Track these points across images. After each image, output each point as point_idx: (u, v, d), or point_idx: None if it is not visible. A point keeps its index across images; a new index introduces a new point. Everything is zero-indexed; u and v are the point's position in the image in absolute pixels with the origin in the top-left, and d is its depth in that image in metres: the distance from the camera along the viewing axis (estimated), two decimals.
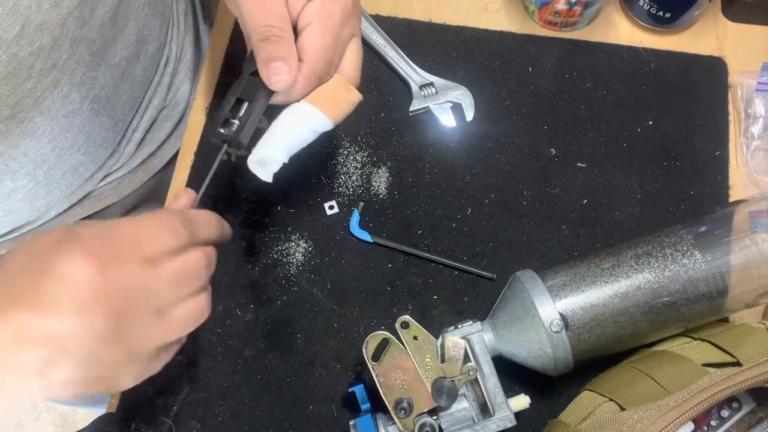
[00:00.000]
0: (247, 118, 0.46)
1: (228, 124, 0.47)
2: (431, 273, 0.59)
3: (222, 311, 0.58)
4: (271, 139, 0.47)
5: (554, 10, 0.65)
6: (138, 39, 0.59)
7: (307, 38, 0.45)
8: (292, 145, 0.47)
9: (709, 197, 0.61)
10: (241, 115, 0.47)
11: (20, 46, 0.45)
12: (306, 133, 0.48)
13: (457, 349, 0.48)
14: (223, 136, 0.46)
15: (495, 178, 0.62)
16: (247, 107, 0.47)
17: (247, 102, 0.47)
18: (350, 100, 0.49)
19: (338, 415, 0.55)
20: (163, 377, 0.56)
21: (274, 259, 0.60)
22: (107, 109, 0.58)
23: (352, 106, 0.50)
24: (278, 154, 0.47)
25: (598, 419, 0.46)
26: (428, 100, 0.64)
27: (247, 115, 0.47)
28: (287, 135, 0.47)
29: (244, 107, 0.47)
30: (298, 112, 0.47)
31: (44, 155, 0.55)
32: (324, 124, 0.48)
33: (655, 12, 0.64)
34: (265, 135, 0.47)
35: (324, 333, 0.57)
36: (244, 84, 0.47)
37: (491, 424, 0.47)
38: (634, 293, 0.48)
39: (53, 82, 0.50)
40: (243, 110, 0.47)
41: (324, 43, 0.46)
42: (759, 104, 0.62)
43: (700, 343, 0.49)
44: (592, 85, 0.65)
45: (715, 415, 0.48)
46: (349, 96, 0.49)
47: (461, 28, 0.68)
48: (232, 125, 0.47)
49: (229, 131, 0.46)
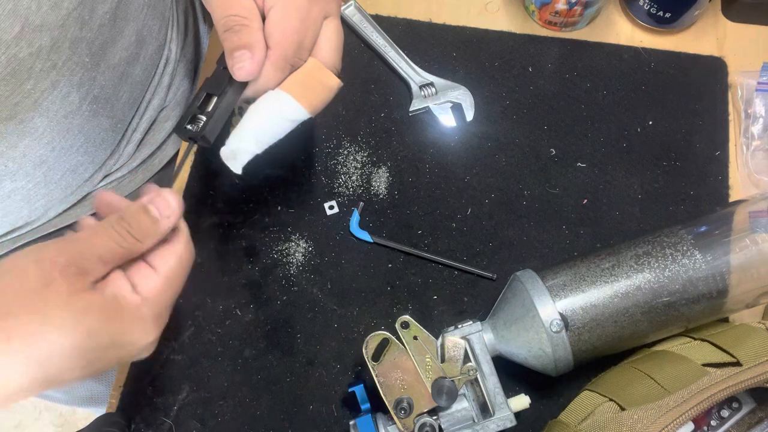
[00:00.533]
0: (213, 113, 0.45)
1: (196, 120, 0.45)
2: (431, 273, 0.59)
3: (222, 311, 0.58)
4: (242, 129, 0.45)
5: (554, 10, 0.65)
6: (137, 39, 0.59)
7: (272, 22, 0.44)
8: (265, 135, 0.45)
9: (709, 197, 0.61)
10: (209, 110, 0.45)
11: (20, 47, 0.45)
12: (281, 123, 0.45)
13: (457, 349, 0.48)
14: (189, 132, 0.45)
15: (495, 178, 0.62)
16: (216, 102, 0.45)
17: (215, 96, 0.45)
18: (327, 86, 0.46)
19: (338, 415, 0.55)
20: (163, 377, 0.56)
21: (274, 259, 0.60)
22: (106, 109, 0.58)
23: (331, 92, 0.47)
24: (248, 145, 0.45)
25: (598, 419, 0.46)
26: (428, 100, 0.64)
27: (214, 109, 0.45)
28: (259, 125, 0.45)
29: (212, 102, 0.45)
30: (270, 101, 0.45)
31: (43, 156, 0.55)
32: (299, 112, 0.46)
33: (655, 12, 0.64)
34: (237, 125, 0.46)
35: (324, 333, 0.57)
36: (213, 78, 0.46)
37: (491, 424, 0.47)
38: (634, 293, 0.48)
39: (53, 83, 0.50)
40: (211, 105, 0.45)
41: (290, 26, 0.44)
42: (759, 104, 0.62)
43: (700, 343, 0.49)
44: (592, 85, 0.65)
45: (715, 415, 0.48)
46: (326, 81, 0.46)
47: (461, 28, 0.68)
48: (200, 121, 0.45)
49: (195, 127, 0.45)
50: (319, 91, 0.46)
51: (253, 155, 0.46)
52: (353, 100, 0.65)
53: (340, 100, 0.64)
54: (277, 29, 0.44)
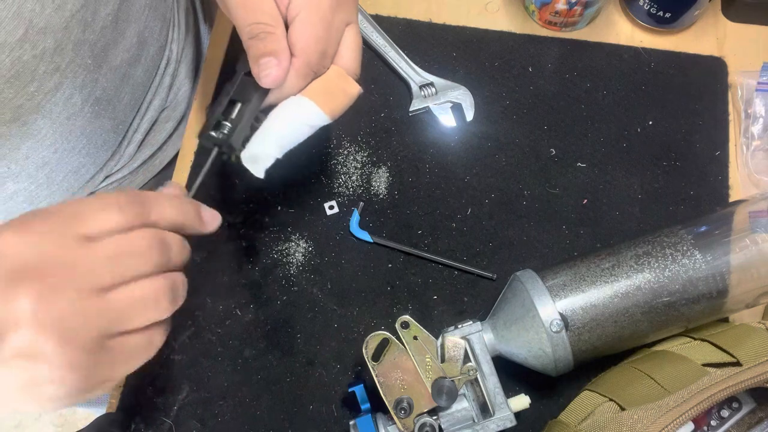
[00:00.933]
0: (239, 121, 0.45)
1: (220, 127, 0.45)
2: (431, 273, 0.59)
3: (222, 311, 0.58)
4: (265, 134, 0.45)
5: (554, 10, 0.65)
6: (139, 41, 0.59)
7: (297, 30, 0.44)
8: (286, 140, 0.46)
9: (709, 197, 0.61)
10: (234, 117, 0.45)
11: (23, 49, 0.45)
12: (301, 128, 0.46)
13: (457, 349, 0.48)
14: (214, 139, 0.45)
15: (495, 178, 0.62)
16: (240, 108, 0.45)
17: (240, 103, 0.45)
18: (348, 93, 0.47)
19: (338, 415, 0.55)
20: (163, 377, 0.56)
21: (274, 259, 0.60)
22: (108, 111, 0.58)
23: (351, 98, 0.47)
24: (271, 149, 0.45)
25: (598, 419, 0.46)
26: (428, 100, 0.64)
27: (240, 116, 0.45)
28: (281, 130, 0.45)
29: (236, 109, 0.45)
30: (293, 106, 0.45)
31: (46, 157, 0.55)
32: (320, 118, 0.46)
33: (655, 12, 0.64)
34: (259, 130, 0.46)
35: (324, 333, 0.57)
36: (237, 84, 0.45)
37: (491, 424, 0.47)
38: (634, 293, 0.48)
39: (55, 85, 0.50)
40: (236, 112, 0.45)
41: (315, 34, 0.44)
42: (759, 104, 0.62)
43: (700, 343, 0.49)
44: (592, 85, 0.65)
45: (715, 415, 0.48)
46: (347, 88, 0.47)
47: (461, 28, 0.68)
48: (224, 128, 0.45)
49: (221, 134, 0.45)
50: (341, 98, 0.47)
51: (275, 160, 0.46)
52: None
53: None
54: (301, 37, 0.44)
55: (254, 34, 0.44)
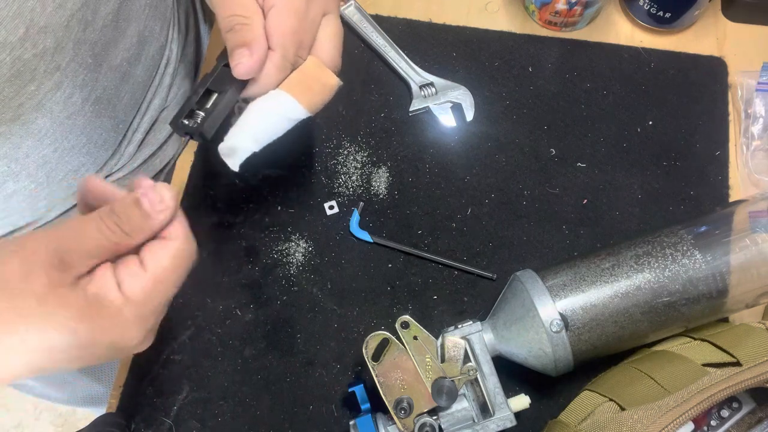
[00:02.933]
0: (213, 110, 0.45)
1: (193, 116, 0.45)
2: (431, 273, 0.59)
3: (222, 311, 0.58)
4: (241, 127, 0.45)
5: (554, 10, 0.65)
6: (139, 40, 0.59)
7: (272, 22, 0.44)
8: (263, 134, 0.46)
9: (709, 197, 0.61)
10: (208, 107, 0.45)
11: (24, 48, 0.45)
12: (279, 121, 0.46)
13: (457, 349, 0.48)
14: (186, 127, 0.45)
15: (495, 178, 0.62)
16: (215, 99, 0.45)
17: (216, 93, 0.45)
18: (326, 84, 0.46)
19: (338, 415, 0.55)
20: (163, 377, 0.56)
21: (274, 259, 0.60)
22: (108, 110, 0.58)
23: (330, 90, 0.47)
24: (247, 142, 0.45)
25: (598, 419, 0.46)
26: (428, 100, 0.64)
27: (214, 106, 0.45)
28: (258, 123, 0.45)
29: (212, 99, 0.46)
30: (269, 100, 0.45)
31: (46, 156, 0.55)
32: (297, 111, 0.46)
33: (655, 12, 0.64)
34: (236, 123, 0.46)
35: (324, 333, 0.57)
36: (215, 75, 0.46)
37: (491, 424, 0.47)
38: (634, 293, 0.48)
39: (56, 84, 0.50)
40: (211, 102, 0.45)
41: (290, 25, 0.44)
42: (759, 104, 0.62)
43: (700, 343, 0.49)
44: (592, 85, 0.65)
45: (715, 415, 0.48)
46: (325, 79, 0.46)
47: (461, 28, 0.68)
48: (197, 116, 0.45)
49: (194, 123, 0.45)
50: (318, 90, 0.46)
51: (251, 153, 0.46)
52: (353, 100, 0.65)
53: (340, 100, 0.64)
54: (276, 30, 0.44)
55: (230, 27, 0.44)
